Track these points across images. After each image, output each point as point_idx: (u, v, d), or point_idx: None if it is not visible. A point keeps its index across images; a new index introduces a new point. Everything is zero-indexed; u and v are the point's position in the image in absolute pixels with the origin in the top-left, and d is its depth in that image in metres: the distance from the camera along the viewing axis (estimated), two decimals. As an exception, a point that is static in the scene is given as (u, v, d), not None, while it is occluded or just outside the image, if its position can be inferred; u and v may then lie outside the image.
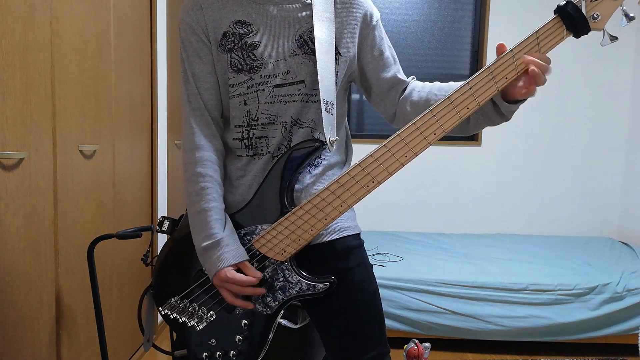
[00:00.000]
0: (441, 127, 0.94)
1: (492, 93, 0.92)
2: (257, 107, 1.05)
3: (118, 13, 2.05)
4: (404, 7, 3.69)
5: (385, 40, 1.13)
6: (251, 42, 1.04)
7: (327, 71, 1.03)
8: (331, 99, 1.04)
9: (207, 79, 1.08)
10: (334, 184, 0.97)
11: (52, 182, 1.54)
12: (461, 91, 0.92)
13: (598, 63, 3.66)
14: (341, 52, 1.07)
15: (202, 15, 1.05)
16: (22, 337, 1.40)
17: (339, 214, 0.99)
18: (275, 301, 1.05)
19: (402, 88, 1.11)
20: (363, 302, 1.08)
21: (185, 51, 1.08)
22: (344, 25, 1.07)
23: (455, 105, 0.93)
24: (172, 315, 1.11)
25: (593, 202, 3.76)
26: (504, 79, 0.91)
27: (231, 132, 1.10)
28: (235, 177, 1.10)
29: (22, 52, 1.35)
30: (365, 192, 0.97)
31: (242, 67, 1.04)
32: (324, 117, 1.02)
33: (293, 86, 1.05)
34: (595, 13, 0.87)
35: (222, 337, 1.08)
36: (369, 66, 1.11)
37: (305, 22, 1.05)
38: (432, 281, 2.58)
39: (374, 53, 1.10)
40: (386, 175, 0.96)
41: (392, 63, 1.12)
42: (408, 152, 0.95)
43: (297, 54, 1.04)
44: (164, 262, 1.13)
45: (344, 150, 1.17)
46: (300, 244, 1.01)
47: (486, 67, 0.91)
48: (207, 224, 1.02)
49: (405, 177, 3.73)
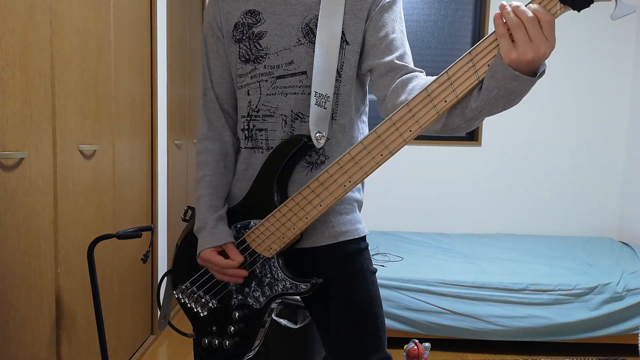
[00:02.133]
0: (417, 122, 0.84)
1: (473, 83, 0.80)
2: (259, 98, 1.05)
3: (118, 13, 2.05)
4: (404, 7, 3.69)
5: (397, 25, 1.01)
6: (258, 32, 1.04)
7: (325, 62, 0.98)
8: (326, 92, 0.98)
9: (220, 73, 1.11)
10: (314, 181, 0.94)
11: (52, 182, 1.54)
12: (439, 82, 0.81)
13: (598, 63, 3.66)
14: (349, 41, 1.00)
15: (218, 9, 1.09)
16: (22, 337, 1.40)
17: (317, 214, 0.96)
18: (264, 296, 1.05)
19: (401, 73, 0.97)
20: (358, 310, 1.06)
21: (205, 46, 1.12)
22: (353, 11, 1.00)
23: (432, 98, 0.82)
24: (182, 299, 1.14)
25: (593, 202, 3.76)
26: (486, 66, 0.78)
27: (239, 123, 1.12)
28: (240, 169, 1.12)
29: (22, 52, 1.35)
30: (342, 192, 0.93)
31: (249, 57, 1.05)
32: (312, 110, 0.98)
33: (295, 77, 1.02)
34: None
35: (221, 325, 1.10)
36: (373, 48, 1.00)
37: (314, 9, 1.00)
38: (432, 281, 2.58)
39: (379, 34, 0.99)
40: (362, 175, 0.90)
41: (397, 47, 0.99)
42: (383, 149, 0.87)
43: (302, 44, 1.00)
44: (180, 248, 1.17)
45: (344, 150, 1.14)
46: (284, 241, 1.01)
47: (467, 53, 0.80)
48: (200, 209, 1.08)
49: (406, 177, 3.74)
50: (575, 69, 3.67)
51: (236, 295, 1.08)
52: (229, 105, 1.13)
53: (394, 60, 0.98)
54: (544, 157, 3.74)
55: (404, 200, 3.76)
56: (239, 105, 1.10)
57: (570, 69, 3.66)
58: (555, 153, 3.73)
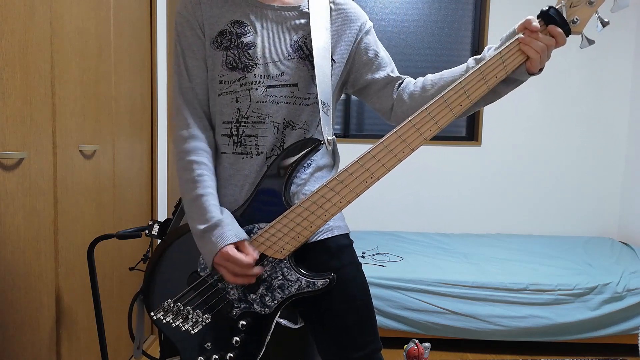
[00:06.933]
0: (436, 123, 1.00)
1: (483, 91, 0.99)
2: (249, 105, 1.06)
3: (118, 13, 2.05)
4: (404, 7, 3.69)
5: (379, 44, 1.19)
6: (247, 42, 1.06)
7: (324, 75, 1.07)
8: (327, 101, 1.08)
9: (198, 74, 1.09)
10: (333, 180, 1.00)
11: (52, 182, 1.54)
12: (454, 90, 0.99)
13: (598, 63, 3.66)
14: (335, 59, 1.12)
15: (200, 10, 1.08)
16: (22, 337, 1.40)
17: (338, 210, 1.02)
18: (274, 300, 1.05)
19: (398, 82, 1.16)
20: (355, 300, 1.09)
21: (180, 44, 1.10)
22: (339, 34, 1.12)
23: (449, 104, 0.99)
24: (164, 319, 1.09)
25: (593, 202, 3.76)
26: (494, 78, 0.98)
27: (219, 128, 1.10)
28: (223, 176, 1.09)
29: (22, 52, 1.35)
30: (364, 188, 1.01)
31: (237, 65, 1.06)
32: (322, 117, 1.06)
33: (286, 88, 1.07)
34: (575, 17, 0.96)
35: (219, 339, 1.07)
36: (366, 67, 1.15)
37: (301, 30, 1.09)
38: (432, 281, 2.58)
39: (369, 54, 1.15)
40: (384, 171, 1.00)
41: (387, 63, 1.17)
42: (405, 148, 0.99)
43: (292, 58, 1.07)
44: (156, 266, 1.11)
45: (332, 154, 1.19)
46: (299, 241, 1.02)
47: (477, 68, 0.98)
48: (204, 208, 1.01)
49: (406, 177, 3.74)
50: (575, 69, 3.67)
51: (238, 305, 1.06)
52: (206, 107, 1.11)
53: (389, 74, 1.16)
54: (544, 157, 3.74)
55: (404, 200, 3.77)
56: (220, 111, 1.09)
57: (570, 69, 3.66)
58: (555, 153, 3.74)
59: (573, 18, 0.96)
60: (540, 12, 0.97)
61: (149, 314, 1.11)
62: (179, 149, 1.07)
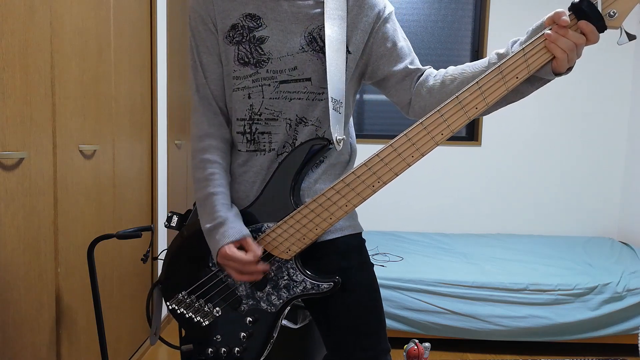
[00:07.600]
0: (449, 127, 0.92)
1: (502, 93, 0.89)
2: (261, 102, 1.05)
3: (118, 13, 2.05)
4: (404, 7, 3.69)
5: (399, 32, 1.10)
6: (259, 36, 1.03)
7: (337, 69, 1.02)
8: (340, 98, 1.03)
9: (213, 70, 1.08)
10: (339, 183, 0.97)
11: (52, 182, 1.54)
12: (470, 91, 0.90)
13: (599, 63, 3.66)
14: (351, 50, 1.06)
15: (212, 5, 1.06)
16: (22, 337, 1.40)
17: (344, 214, 0.99)
18: (280, 299, 1.05)
19: (417, 75, 1.08)
20: (364, 301, 1.08)
21: (195, 40, 1.08)
22: (355, 23, 1.05)
23: (463, 106, 0.91)
24: (179, 310, 1.11)
25: (593, 202, 3.76)
26: (515, 79, 0.88)
27: (234, 125, 1.10)
28: (237, 173, 1.10)
29: (22, 52, 1.35)
30: (370, 192, 0.97)
31: (249, 61, 1.04)
32: (331, 115, 1.01)
33: (299, 83, 1.03)
34: (612, 10, 0.83)
35: (227, 333, 1.08)
36: (383, 58, 1.08)
37: (316, 20, 1.04)
38: (432, 281, 2.58)
39: (387, 45, 1.07)
40: (392, 175, 0.95)
41: (407, 53, 1.09)
42: (415, 152, 0.93)
43: (305, 51, 1.03)
44: (173, 257, 1.13)
45: (348, 150, 1.16)
46: (305, 242, 1.02)
47: (496, 66, 0.88)
48: (213, 207, 1.03)
49: (406, 177, 3.73)
50: (576, 69, 3.67)
51: (246, 301, 1.07)
52: (223, 103, 1.10)
53: (408, 66, 1.07)
54: (544, 157, 3.74)
55: (404, 200, 3.77)
56: (234, 107, 1.08)
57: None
58: (556, 153, 3.74)
59: (610, 11, 0.83)
60: (571, 4, 0.84)
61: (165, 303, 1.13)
62: (193, 147, 1.09)
